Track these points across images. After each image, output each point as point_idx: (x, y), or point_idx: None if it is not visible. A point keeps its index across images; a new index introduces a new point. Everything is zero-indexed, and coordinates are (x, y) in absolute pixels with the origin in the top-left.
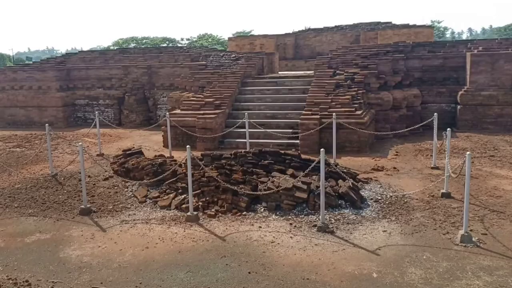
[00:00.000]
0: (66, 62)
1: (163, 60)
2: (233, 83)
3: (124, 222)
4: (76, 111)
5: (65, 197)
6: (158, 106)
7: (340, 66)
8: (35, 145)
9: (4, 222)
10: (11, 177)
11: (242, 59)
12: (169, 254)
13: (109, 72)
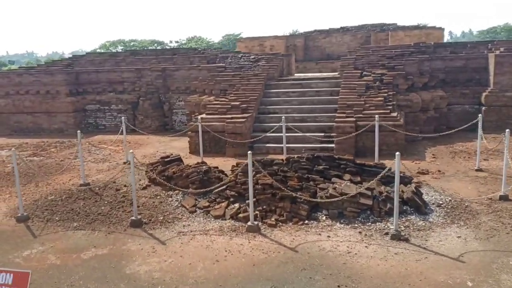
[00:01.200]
0: (73, 65)
1: (177, 63)
2: (257, 85)
3: (182, 234)
4: (87, 117)
5: (108, 209)
6: (174, 111)
7: (366, 67)
8: (52, 154)
9: (50, 237)
10: (39, 188)
11: (262, 61)
12: (244, 268)
13: (121, 75)
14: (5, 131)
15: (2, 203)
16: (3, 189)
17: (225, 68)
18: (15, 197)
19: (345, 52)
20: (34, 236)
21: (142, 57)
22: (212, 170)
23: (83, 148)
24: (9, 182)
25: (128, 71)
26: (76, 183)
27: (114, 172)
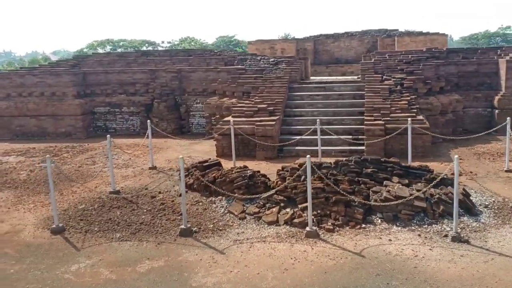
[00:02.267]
0: (80, 65)
1: (193, 64)
2: (281, 88)
3: (239, 242)
4: (96, 120)
5: (150, 217)
6: (191, 113)
7: (385, 71)
8: (66, 159)
9: (95, 249)
10: (65, 197)
11: (282, 64)
12: (317, 276)
13: (133, 76)
14: (6, 136)
15: (29, 214)
16: (24, 198)
17: (245, 70)
18: (40, 207)
19: (353, 57)
20: (77, 249)
21: (154, 57)
22: (257, 174)
23: (98, 153)
24: (28, 190)
25: (141, 72)
26: (104, 190)
27: (141, 178)
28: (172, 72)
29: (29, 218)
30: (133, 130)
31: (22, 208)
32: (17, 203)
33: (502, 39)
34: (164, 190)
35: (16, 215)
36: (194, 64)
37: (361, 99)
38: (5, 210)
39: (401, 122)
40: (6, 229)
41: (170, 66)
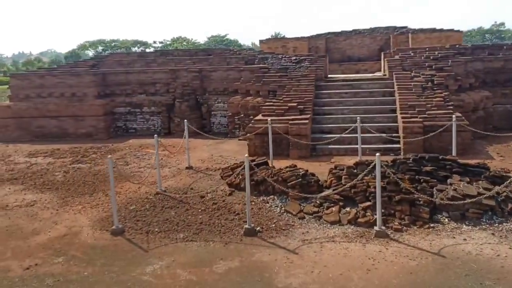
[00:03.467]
0: (99, 66)
1: (213, 63)
2: (308, 86)
3: (307, 242)
4: (116, 121)
5: (207, 218)
6: (213, 113)
7: (413, 68)
8: (97, 160)
9: (163, 250)
10: (110, 198)
11: (305, 62)
12: (404, 277)
13: (153, 76)
14: (25, 137)
15: (79, 216)
16: (69, 200)
17: (268, 69)
18: (89, 208)
19: (366, 54)
20: (145, 250)
21: (173, 57)
22: (309, 173)
23: (126, 153)
24: (70, 192)
25: (161, 72)
26: (149, 191)
27: (182, 178)
28: (193, 71)
29: (82, 219)
30: (154, 130)
31: (71, 210)
32: (63, 204)
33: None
34: (211, 189)
35: (67, 217)
36: (214, 64)
37: (391, 97)
38: (54, 212)
39: (439, 119)
40: (64, 231)
41: (190, 66)
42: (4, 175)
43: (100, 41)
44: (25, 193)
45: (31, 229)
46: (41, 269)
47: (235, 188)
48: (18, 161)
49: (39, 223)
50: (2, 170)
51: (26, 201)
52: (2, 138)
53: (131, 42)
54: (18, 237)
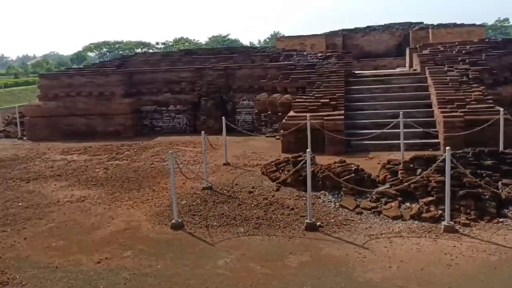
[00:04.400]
0: (125, 65)
1: (237, 61)
2: (339, 82)
3: (374, 237)
4: (142, 119)
5: (262, 212)
6: (237, 110)
7: (446, 62)
8: (133, 157)
9: (228, 244)
10: (158, 193)
11: (332, 58)
12: (488, 271)
13: (178, 75)
14: (55, 135)
15: (133, 210)
16: (117, 196)
17: (295, 66)
18: (140, 203)
19: (384, 50)
20: (210, 244)
21: (198, 56)
22: (360, 169)
23: (159, 151)
24: (116, 188)
25: (186, 71)
26: (195, 186)
27: (223, 174)
28: (218, 70)
29: (137, 214)
30: (179, 128)
31: (123, 205)
32: (113, 200)
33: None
34: (256, 185)
35: (121, 212)
36: (238, 62)
37: (424, 91)
38: (107, 207)
39: (481, 113)
40: (123, 226)
41: (215, 64)
42: (45, 172)
43: (104, 43)
44: (71, 189)
45: (90, 224)
46: (112, 263)
47: (281, 184)
48: (55, 158)
49: (95, 218)
50: (42, 167)
51: (76, 197)
52: (32, 137)
53: (134, 43)
54: (79, 232)
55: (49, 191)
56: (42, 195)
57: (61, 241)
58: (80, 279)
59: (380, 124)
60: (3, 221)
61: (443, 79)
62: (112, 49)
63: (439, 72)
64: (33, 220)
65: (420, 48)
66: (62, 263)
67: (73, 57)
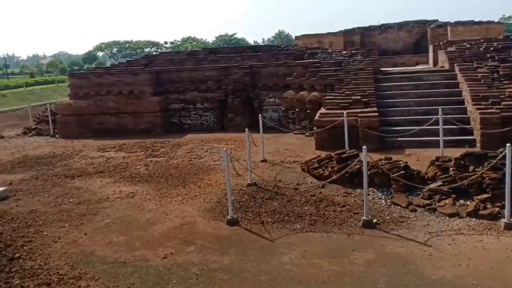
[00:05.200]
0: (152, 64)
1: (262, 60)
2: (368, 79)
3: (435, 234)
4: (170, 117)
5: (313, 209)
6: (264, 108)
7: (474, 59)
8: (170, 154)
9: (287, 240)
10: (203, 189)
11: (357, 56)
12: None
13: (204, 73)
14: (86, 133)
15: (184, 206)
16: (164, 192)
17: (321, 64)
18: (189, 199)
19: (401, 48)
20: (270, 240)
21: (223, 55)
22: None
23: (193, 148)
24: (161, 184)
25: (212, 69)
26: (238, 183)
27: (263, 171)
28: (244, 68)
29: (188, 210)
30: (207, 126)
31: (173, 201)
32: (162, 196)
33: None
34: (300, 182)
35: (172, 208)
36: (263, 60)
37: (454, 88)
38: (157, 203)
39: None
40: (178, 222)
41: (241, 63)
42: (87, 168)
43: (114, 43)
44: (118, 186)
45: (145, 220)
46: (179, 258)
47: (324, 180)
48: (93, 155)
49: (149, 214)
50: (82, 164)
51: (124, 193)
52: (64, 134)
53: (144, 43)
54: (137, 227)
55: (96, 187)
56: (91, 191)
57: (122, 237)
58: (151, 274)
59: (413, 120)
60: (59, 217)
61: (474, 76)
62: (122, 48)
63: (469, 69)
64: (88, 216)
65: (444, 45)
66: (129, 258)
67: (84, 56)
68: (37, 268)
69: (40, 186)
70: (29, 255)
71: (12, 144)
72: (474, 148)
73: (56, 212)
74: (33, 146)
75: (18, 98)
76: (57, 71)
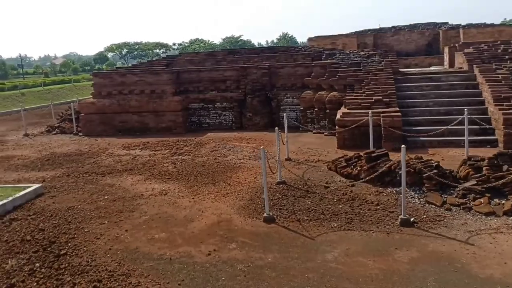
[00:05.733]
0: (172, 64)
1: (280, 60)
2: (388, 79)
3: (475, 233)
4: (190, 116)
5: (347, 207)
6: (282, 107)
7: (492, 60)
8: (195, 152)
9: (327, 238)
10: (234, 187)
11: (375, 56)
12: None
13: (223, 74)
14: (109, 131)
15: (218, 204)
16: (195, 189)
17: (339, 64)
18: (222, 197)
19: (414, 49)
20: (311, 238)
21: (241, 55)
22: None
23: (215, 146)
24: (192, 182)
25: (231, 70)
26: (268, 181)
27: (290, 169)
28: (262, 68)
29: (223, 207)
30: (225, 125)
31: (206, 198)
32: (194, 193)
33: None
34: (328, 180)
35: (206, 205)
36: (281, 60)
37: (474, 89)
38: (191, 200)
39: None
40: (215, 219)
41: (259, 63)
42: (116, 166)
43: (125, 44)
44: (150, 183)
45: (182, 217)
46: (223, 255)
47: (353, 179)
48: (119, 153)
49: (185, 211)
50: (111, 161)
51: (157, 190)
52: (87, 132)
53: (153, 44)
54: (176, 224)
55: (128, 184)
56: (123, 188)
57: (163, 233)
58: (199, 271)
59: (434, 121)
60: (97, 214)
61: (495, 77)
62: (132, 49)
63: (489, 70)
64: (126, 213)
65: (460, 47)
66: (174, 254)
67: (96, 57)
68: (85, 264)
69: (72, 183)
70: (75, 252)
71: (37, 141)
72: (496, 148)
73: (94, 209)
74: (59, 144)
75: (37, 97)
76: (70, 71)
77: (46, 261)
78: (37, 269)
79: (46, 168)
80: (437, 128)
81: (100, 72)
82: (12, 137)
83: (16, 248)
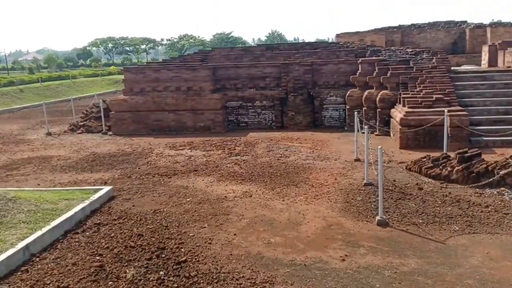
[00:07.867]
0: (206, 60)
1: (322, 57)
2: (443, 78)
3: None
4: (228, 114)
5: (457, 209)
6: (324, 106)
7: None
8: (249, 152)
9: (459, 242)
10: (317, 188)
11: (423, 54)
12: None
13: (263, 70)
14: (142, 130)
15: (315, 206)
16: (279, 191)
17: (387, 62)
18: (313, 199)
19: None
20: (440, 242)
21: (280, 51)
22: None
23: (268, 146)
24: (270, 183)
25: (271, 66)
26: (352, 182)
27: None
28: (305, 65)
29: (321, 209)
30: (265, 124)
31: (297, 200)
32: (280, 195)
33: None
34: (418, 182)
35: (303, 208)
36: (323, 57)
37: None
38: (282, 202)
39: None
40: (323, 222)
41: (301, 60)
42: (176, 167)
43: (110, 39)
44: (225, 185)
45: (286, 220)
46: (358, 260)
47: (443, 180)
48: (169, 153)
49: (284, 214)
50: (167, 162)
51: (239, 192)
52: (118, 131)
53: (140, 40)
54: (283, 227)
55: (202, 186)
56: (200, 190)
57: (277, 237)
58: (345, 278)
59: (495, 120)
60: (190, 217)
61: None
62: (117, 45)
63: None
64: (221, 216)
65: (501, 45)
66: (304, 260)
67: (79, 52)
68: (216, 272)
69: (140, 185)
70: (195, 258)
71: (66, 141)
72: None
73: (183, 212)
74: (93, 144)
75: (36, 94)
76: (54, 67)
77: (169, 269)
78: (165, 278)
79: (98, 170)
80: (498, 128)
81: (132, 67)
82: (34, 136)
83: (124, 256)
